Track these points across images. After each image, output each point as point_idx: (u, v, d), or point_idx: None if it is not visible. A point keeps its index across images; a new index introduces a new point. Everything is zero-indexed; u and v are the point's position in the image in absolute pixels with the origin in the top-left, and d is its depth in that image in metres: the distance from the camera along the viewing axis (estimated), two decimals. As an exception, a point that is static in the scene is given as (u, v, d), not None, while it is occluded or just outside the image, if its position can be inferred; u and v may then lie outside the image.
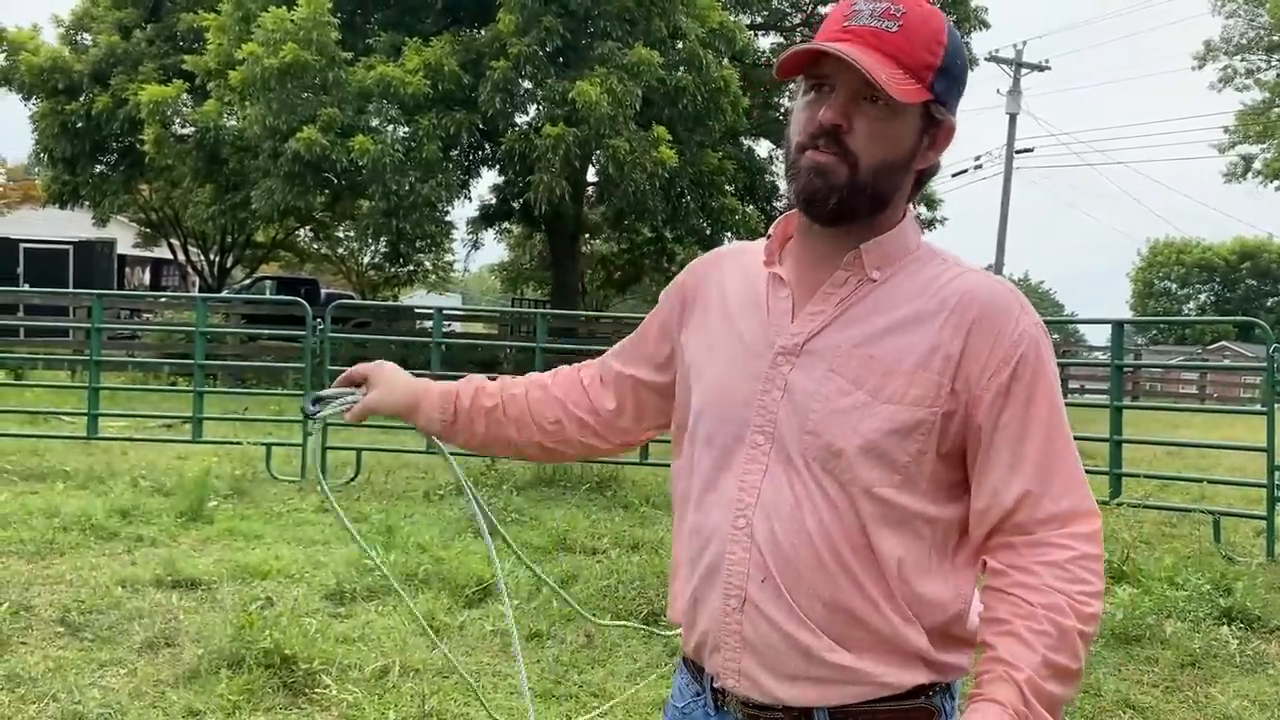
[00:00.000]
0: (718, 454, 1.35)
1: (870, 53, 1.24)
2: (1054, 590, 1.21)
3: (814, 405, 1.28)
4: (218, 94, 16.84)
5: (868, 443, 1.25)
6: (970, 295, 1.28)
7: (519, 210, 20.46)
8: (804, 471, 1.28)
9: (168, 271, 31.05)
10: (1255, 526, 7.13)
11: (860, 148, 1.27)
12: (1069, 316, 43.43)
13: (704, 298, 1.47)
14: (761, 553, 1.28)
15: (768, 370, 1.32)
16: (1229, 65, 35.27)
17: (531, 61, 16.27)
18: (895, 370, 1.26)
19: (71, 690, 3.67)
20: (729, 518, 1.31)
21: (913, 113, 1.28)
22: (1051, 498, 1.25)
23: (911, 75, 1.25)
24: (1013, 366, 1.26)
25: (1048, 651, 1.19)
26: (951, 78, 1.30)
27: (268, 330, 14.33)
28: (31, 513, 6.28)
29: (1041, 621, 1.20)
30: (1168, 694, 4.16)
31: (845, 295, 1.32)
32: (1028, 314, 1.29)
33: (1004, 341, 1.26)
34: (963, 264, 1.35)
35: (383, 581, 5.11)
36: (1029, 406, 1.26)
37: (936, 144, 1.33)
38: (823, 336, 1.31)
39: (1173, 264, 53.00)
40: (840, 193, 1.28)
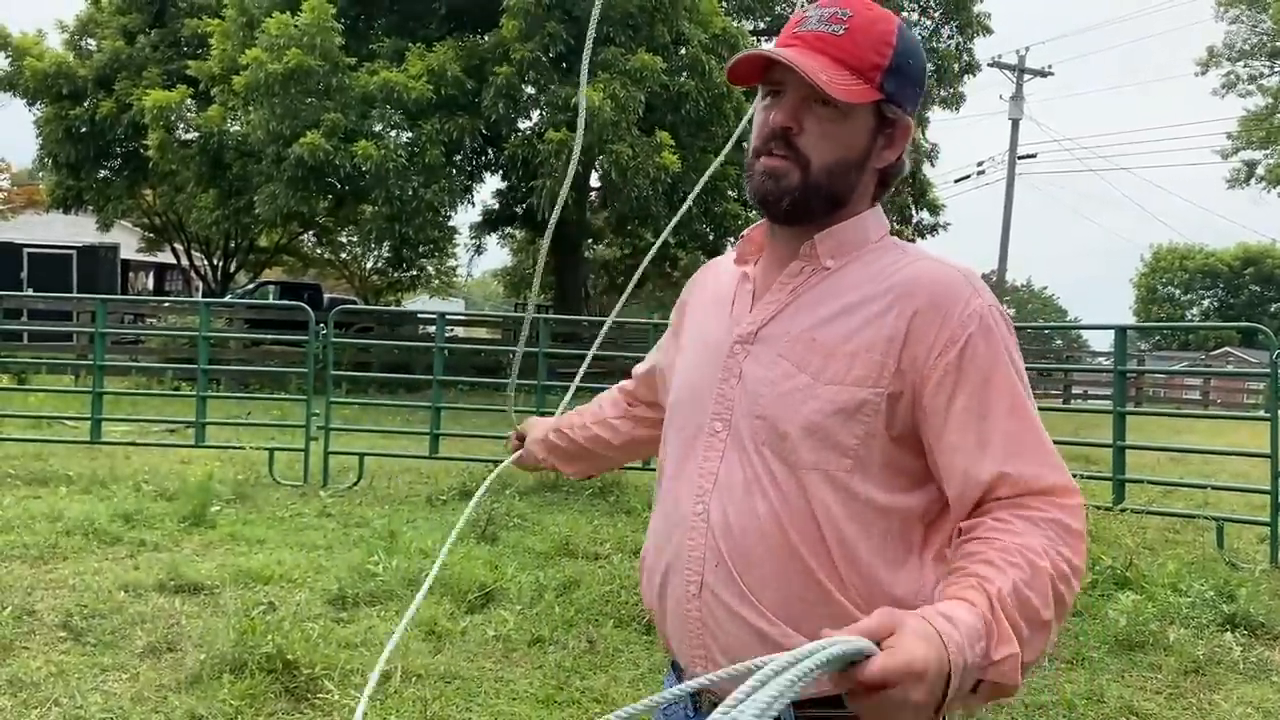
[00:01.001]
0: (683, 444, 1.40)
1: (815, 56, 1.28)
2: (1030, 534, 1.17)
3: (762, 390, 1.31)
4: (221, 99, 16.88)
5: (809, 424, 1.27)
6: (917, 280, 1.29)
7: (521, 215, 20.49)
8: (754, 455, 1.30)
9: (171, 276, 31.10)
10: (1259, 532, 7.12)
11: (811, 148, 1.30)
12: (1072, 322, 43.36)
13: (691, 304, 1.56)
14: (715, 537, 1.30)
15: (725, 360, 1.37)
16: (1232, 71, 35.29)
17: (534, 67, 16.30)
18: (837, 352, 1.28)
19: (73, 695, 3.67)
20: (690, 504, 1.35)
21: (863, 113, 1.30)
22: (1029, 476, 1.22)
23: (858, 76, 1.28)
24: (960, 345, 1.24)
25: (1019, 583, 1.11)
26: (904, 77, 1.31)
27: (271, 335, 14.34)
28: (34, 517, 6.29)
29: (1015, 555, 1.14)
30: (1171, 701, 4.15)
31: (799, 284, 1.35)
32: (979, 295, 1.28)
33: (951, 321, 1.25)
34: (923, 254, 1.35)
35: (385, 587, 5.11)
36: (986, 386, 1.24)
37: (894, 143, 1.34)
38: (775, 323, 1.34)
39: (1176, 269, 52.92)
40: (793, 194, 1.32)
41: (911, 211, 21.96)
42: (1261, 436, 7.16)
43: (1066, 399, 23.43)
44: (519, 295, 32.73)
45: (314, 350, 8.89)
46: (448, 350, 9.29)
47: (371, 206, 17.09)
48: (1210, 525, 7.14)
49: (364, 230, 18.24)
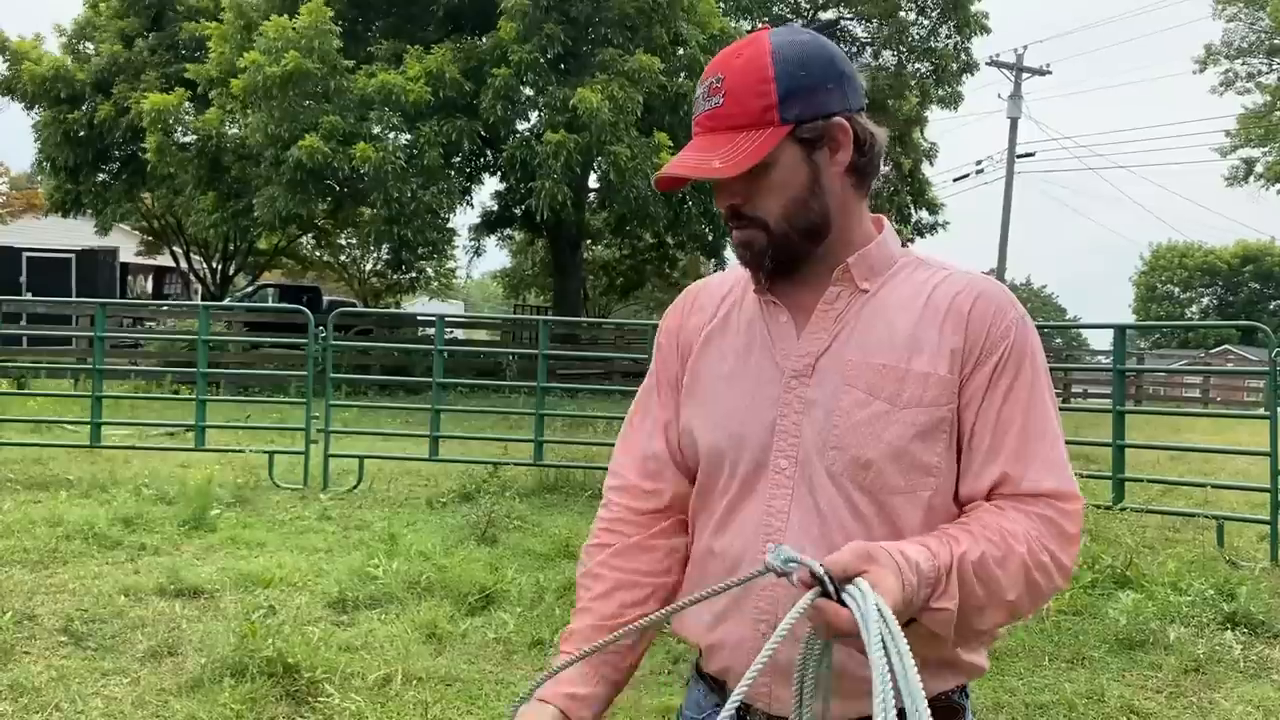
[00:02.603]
0: (741, 482, 1.35)
1: (711, 137, 1.30)
2: (1018, 521, 1.22)
3: (835, 420, 1.30)
4: (220, 102, 16.90)
5: (893, 449, 1.27)
6: (964, 294, 1.32)
7: (521, 217, 20.50)
8: (832, 489, 1.29)
9: (170, 279, 31.08)
10: (1259, 531, 7.12)
11: (760, 210, 1.32)
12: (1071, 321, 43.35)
13: (695, 330, 1.46)
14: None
15: (783, 394, 1.34)
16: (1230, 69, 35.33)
17: (533, 68, 16.32)
18: (909, 374, 1.29)
19: (74, 699, 3.67)
20: (757, 543, 1.31)
21: (779, 152, 1.30)
22: (1030, 479, 1.26)
23: (753, 130, 1.29)
24: (998, 356, 1.29)
25: (989, 557, 1.18)
26: (804, 91, 1.30)
27: (270, 338, 14.34)
28: (35, 521, 6.28)
29: (994, 533, 1.20)
30: (1171, 699, 4.15)
31: (842, 309, 1.35)
32: (1014, 306, 1.33)
33: (994, 334, 1.30)
34: (948, 266, 1.39)
35: (385, 589, 5.11)
36: (1010, 394, 1.29)
37: (838, 146, 1.33)
38: (830, 353, 1.33)
39: (1175, 268, 52.95)
40: (768, 253, 1.34)
41: (910, 210, 21.99)
42: (1261, 435, 7.16)
43: (1066, 398, 23.44)
44: (518, 297, 32.78)
45: (313, 353, 8.89)
46: (447, 352, 9.29)
47: (370, 209, 17.11)
48: (1210, 524, 7.14)
49: (363, 232, 18.28)
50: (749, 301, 1.42)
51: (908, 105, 21.00)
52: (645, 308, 29.84)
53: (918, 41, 21.39)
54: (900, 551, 1.14)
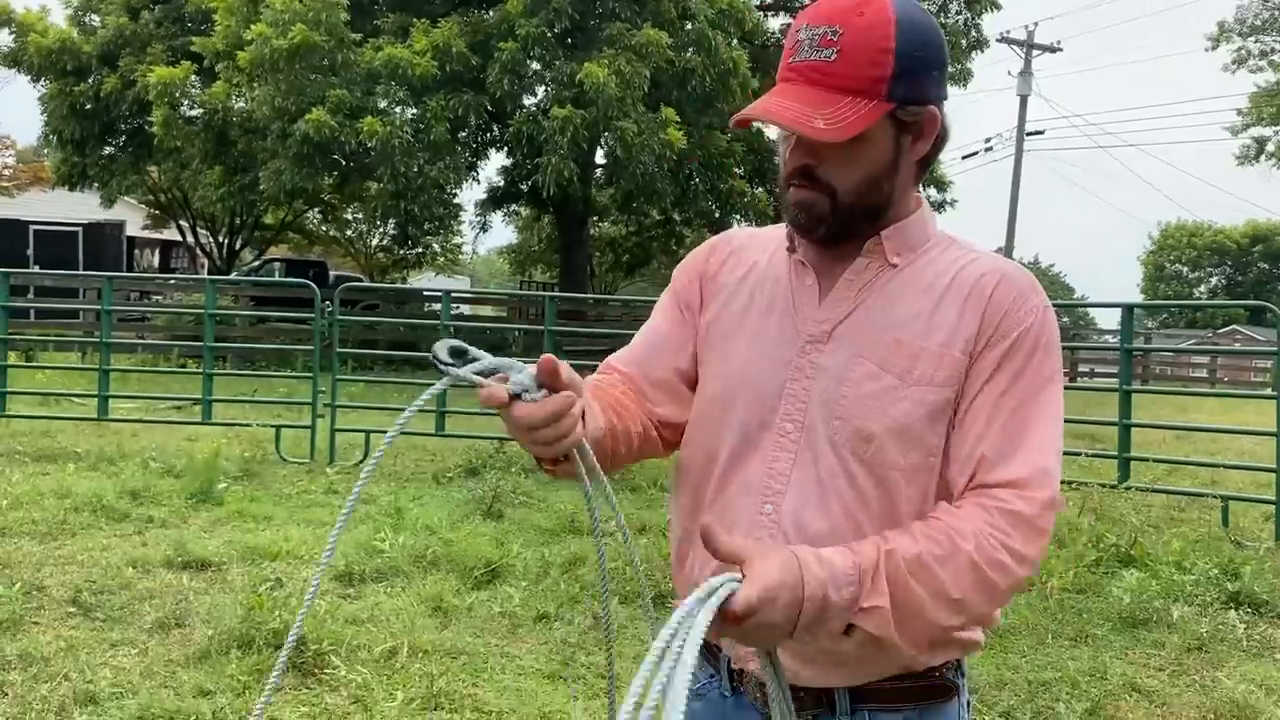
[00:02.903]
0: (743, 439, 1.35)
1: (810, 92, 1.24)
2: (969, 520, 1.19)
3: (843, 391, 1.29)
4: (226, 75, 16.83)
5: (898, 425, 1.26)
6: (988, 276, 1.30)
7: (527, 192, 20.44)
8: (833, 459, 1.28)
9: (177, 253, 31.09)
10: (1264, 511, 7.12)
11: (835, 177, 1.28)
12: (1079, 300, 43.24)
13: (724, 279, 1.45)
14: (789, 538, 1.28)
15: (796, 358, 1.33)
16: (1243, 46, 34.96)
17: (540, 43, 16.21)
18: (923, 352, 1.27)
19: (83, 670, 3.71)
20: (755, 504, 1.31)
21: (878, 127, 1.26)
22: (1005, 468, 1.23)
23: (860, 98, 1.24)
24: (1011, 340, 1.27)
25: (928, 555, 1.16)
26: (916, 74, 1.26)
27: (276, 312, 14.36)
28: (43, 494, 6.32)
29: (938, 533, 1.18)
30: (1174, 678, 4.16)
31: (869, 280, 1.33)
32: (1038, 294, 1.31)
33: (1011, 318, 1.28)
34: (979, 249, 1.37)
35: (391, 563, 5.14)
36: (1015, 380, 1.26)
37: (922, 134, 1.31)
38: (849, 322, 1.32)
39: (1184, 247, 52.71)
40: (826, 222, 1.30)
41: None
42: (1268, 415, 7.15)
43: (1073, 377, 23.40)
44: (524, 273, 32.75)
45: (320, 328, 8.90)
46: (453, 328, 9.29)
47: (377, 183, 17.07)
48: (1215, 503, 7.14)
49: (369, 207, 18.25)
50: (778, 259, 1.40)
51: (917, 82, 20.85)
52: (651, 284, 29.80)
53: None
54: (812, 550, 1.13)
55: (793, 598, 1.08)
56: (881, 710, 1.30)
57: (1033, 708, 3.81)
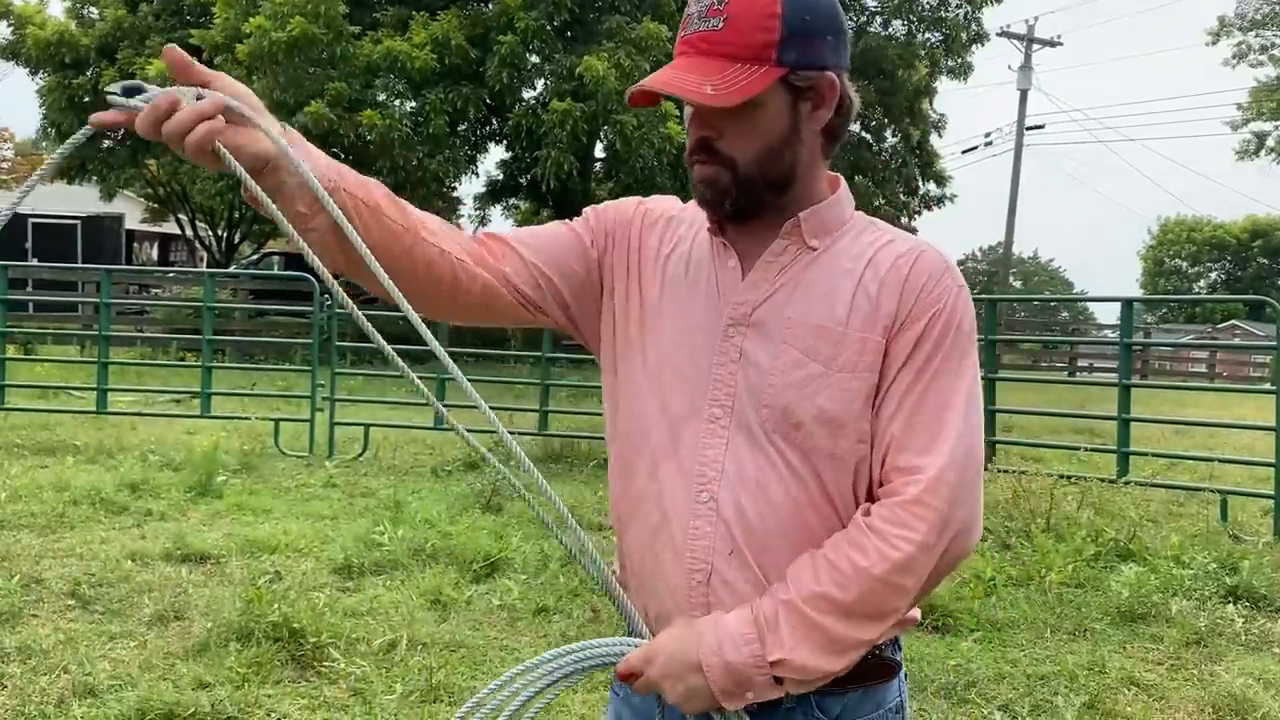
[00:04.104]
0: (671, 424, 1.33)
1: (702, 61, 1.25)
2: (869, 530, 1.22)
3: (770, 379, 1.28)
4: (225, 68, 16.78)
5: (825, 413, 1.26)
6: (904, 258, 1.30)
7: (526, 186, 20.42)
8: (765, 443, 1.28)
9: (176, 247, 31.07)
10: (1262, 505, 7.13)
11: (733, 149, 1.28)
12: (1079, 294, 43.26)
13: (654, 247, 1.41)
14: (729, 526, 1.28)
15: (720, 343, 1.32)
16: (1243, 41, 34.95)
17: (539, 36, 16.19)
18: (846, 339, 1.27)
19: (82, 662, 3.71)
20: (690, 491, 1.31)
21: (773, 93, 1.26)
22: (907, 450, 1.24)
23: (751, 63, 1.24)
24: (924, 321, 1.27)
25: (832, 588, 1.20)
26: (806, 37, 1.26)
27: (275, 306, 14.34)
28: (42, 487, 6.32)
29: (839, 554, 1.22)
30: (1172, 672, 4.17)
31: (787, 264, 1.33)
32: (951, 275, 1.31)
33: (924, 299, 1.28)
34: (896, 231, 1.36)
35: (390, 556, 5.14)
36: (928, 361, 1.27)
37: (823, 102, 1.30)
38: (768, 306, 1.31)
39: (1183, 242, 52.66)
40: (730, 195, 1.30)
41: (918, 183, 21.85)
42: (1267, 410, 7.16)
43: (1072, 371, 23.41)
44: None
45: (319, 321, 8.90)
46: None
47: (376, 176, 17.03)
48: (1214, 498, 7.15)
49: (368, 201, 18.18)
50: (703, 239, 1.39)
51: (917, 75, 20.79)
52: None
53: (928, 11, 21.17)
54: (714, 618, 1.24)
55: (671, 658, 1.23)
56: (828, 695, 1.31)
57: (1031, 701, 3.81)
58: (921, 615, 1.43)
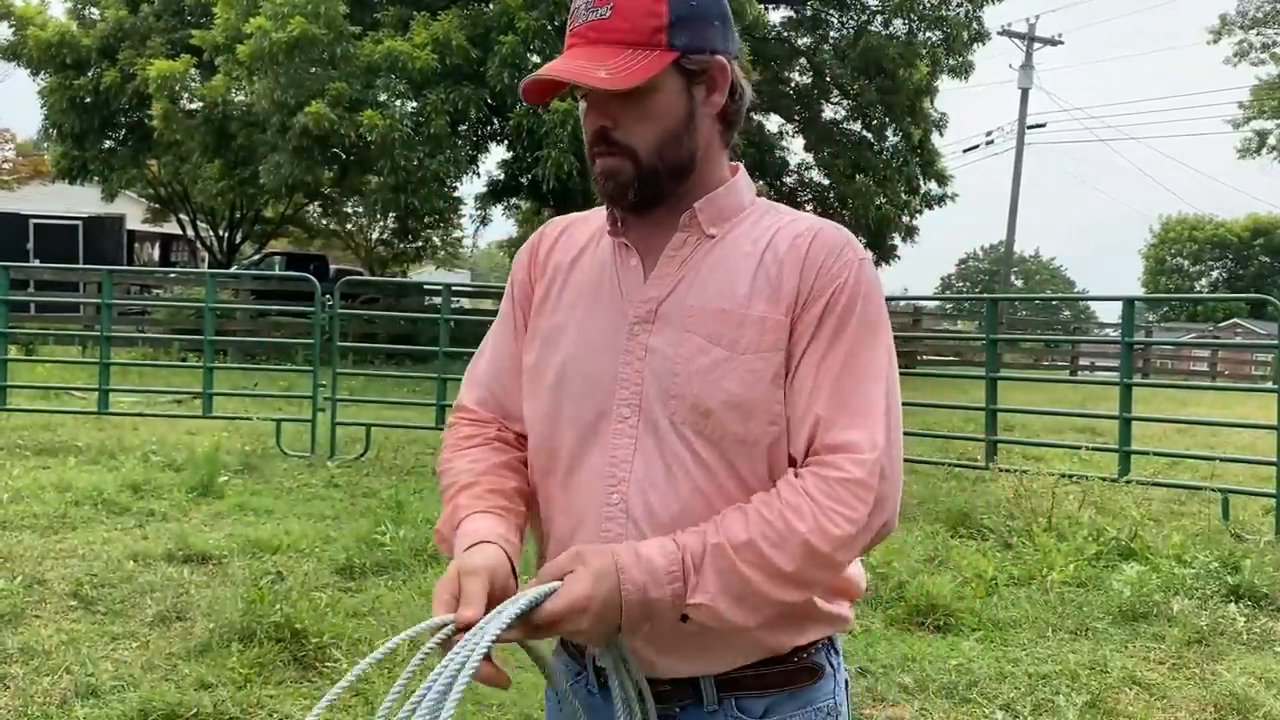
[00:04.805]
0: (581, 431, 1.32)
1: (592, 49, 1.25)
2: (805, 496, 1.20)
3: (676, 369, 1.27)
4: (225, 69, 16.80)
5: (733, 397, 1.25)
6: (803, 236, 1.30)
7: (527, 186, 20.41)
8: (673, 437, 1.27)
9: (177, 247, 31.06)
10: (1264, 504, 7.12)
11: (633, 137, 1.28)
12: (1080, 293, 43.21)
13: (557, 258, 1.43)
14: (639, 527, 1.26)
15: (626, 341, 1.31)
16: (1245, 39, 34.91)
17: (540, 35, 16.18)
18: (746, 320, 1.26)
19: (84, 662, 3.71)
20: (601, 495, 1.29)
21: (666, 78, 1.26)
22: (840, 427, 1.23)
23: (641, 49, 1.25)
24: (827, 296, 1.26)
25: (760, 539, 1.17)
26: (693, 22, 1.27)
27: (277, 306, 14.34)
28: (44, 487, 6.33)
29: (773, 513, 1.19)
30: (1174, 671, 4.16)
31: (687, 255, 1.32)
32: (852, 249, 1.30)
33: (825, 274, 1.27)
34: (799, 214, 1.36)
35: (392, 556, 5.14)
36: (837, 335, 1.26)
37: (715, 86, 1.31)
38: (672, 299, 1.30)
39: (1185, 241, 52.61)
40: (633, 185, 1.29)
41: (919, 181, 21.82)
42: (1268, 408, 7.15)
43: (1073, 370, 23.41)
44: (525, 266, 32.69)
45: (320, 322, 8.91)
46: (453, 321, 9.28)
47: (377, 177, 17.04)
48: (1216, 497, 7.14)
49: (369, 201, 18.22)
50: (605, 242, 1.39)
51: (918, 74, 20.77)
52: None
53: (928, 9, 21.14)
54: (634, 551, 1.17)
55: (605, 605, 1.15)
56: (749, 697, 1.30)
57: (1033, 700, 3.81)
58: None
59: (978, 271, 63.25)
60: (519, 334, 1.45)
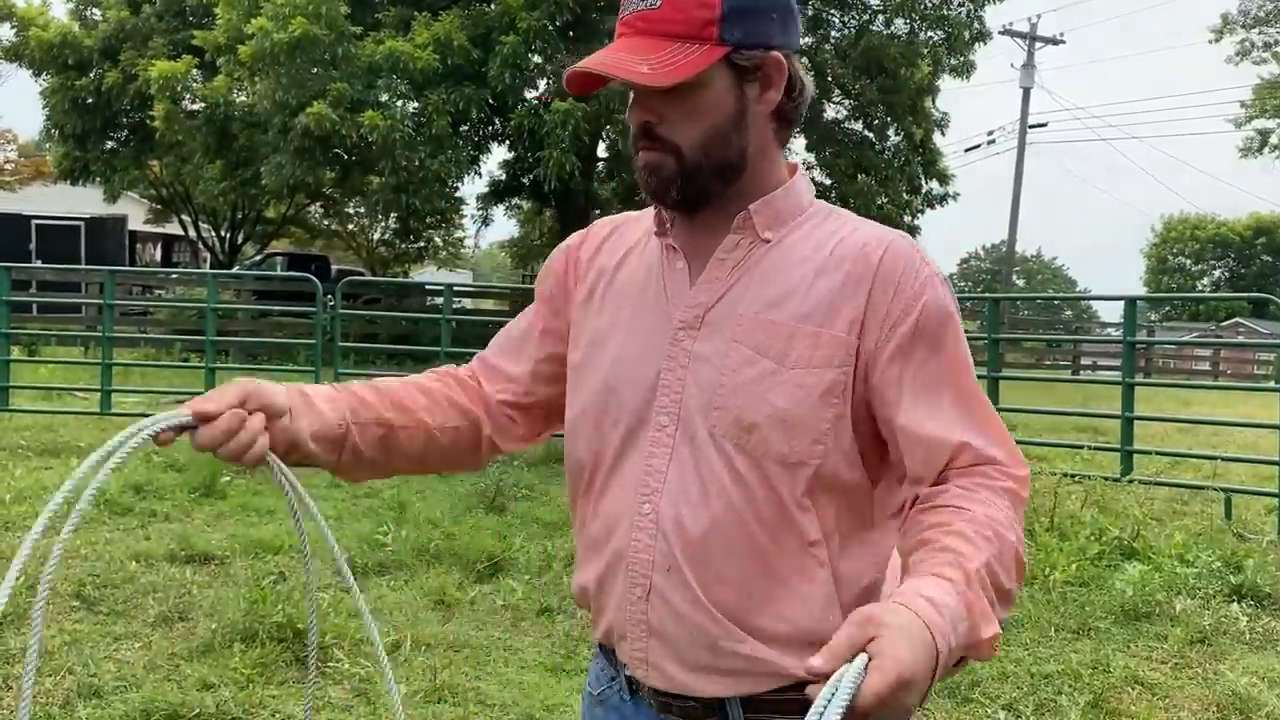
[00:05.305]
0: (622, 435, 1.28)
1: (639, 41, 1.20)
2: (994, 505, 1.13)
3: (720, 379, 1.21)
4: (227, 69, 16.81)
5: (779, 412, 1.19)
6: (869, 248, 1.22)
7: (529, 186, 20.42)
8: (712, 451, 1.21)
9: (179, 248, 31.08)
10: (1266, 504, 7.12)
11: (676, 134, 1.22)
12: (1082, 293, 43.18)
13: (601, 262, 1.39)
14: (668, 540, 1.22)
15: (669, 347, 1.25)
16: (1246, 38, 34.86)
17: (541, 36, 16.17)
18: (798, 332, 1.20)
19: (87, 663, 3.71)
20: (634, 503, 1.25)
21: (715, 74, 1.20)
22: (987, 446, 1.18)
23: (690, 42, 1.19)
24: (915, 316, 1.19)
25: (992, 559, 1.07)
26: (748, 15, 1.20)
27: (279, 307, 14.36)
28: (46, 488, 6.33)
29: (985, 528, 1.10)
30: (1177, 671, 4.16)
31: (740, 259, 1.26)
32: (927, 264, 1.23)
33: (905, 291, 1.20)
34: (861, 220, 1.29)
35: (394, 557, 5.15)
36: (938, 357, 1.20)
37: (770, 84, 1.23)
38: (721, 305, 1.24)
39: (1187, 240, 52.57)
40: (676, 183, 1.23)
41: (920, 181, 21.81)
42: (1271, 408, 7.15)
43: (1075, 370, 23.39)
44: (526, 267, 32.74)
45: (322, 322, 8.91)
46: (455, 322, 9.29)
47: (378, 177, 17.04)
48: (1218, 496, 7.14)
49: (371, 201, 18.22)
50: (652, 244, 1.33)
51: (919, 74, 20.75)
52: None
53: (930, 9, 21.12)
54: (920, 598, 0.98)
55: (925, 668, 0.94)
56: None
57: (1035, 700, 3.81)
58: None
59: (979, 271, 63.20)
60: (536, 316, 1.46)
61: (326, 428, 1.30)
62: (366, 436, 1.34)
